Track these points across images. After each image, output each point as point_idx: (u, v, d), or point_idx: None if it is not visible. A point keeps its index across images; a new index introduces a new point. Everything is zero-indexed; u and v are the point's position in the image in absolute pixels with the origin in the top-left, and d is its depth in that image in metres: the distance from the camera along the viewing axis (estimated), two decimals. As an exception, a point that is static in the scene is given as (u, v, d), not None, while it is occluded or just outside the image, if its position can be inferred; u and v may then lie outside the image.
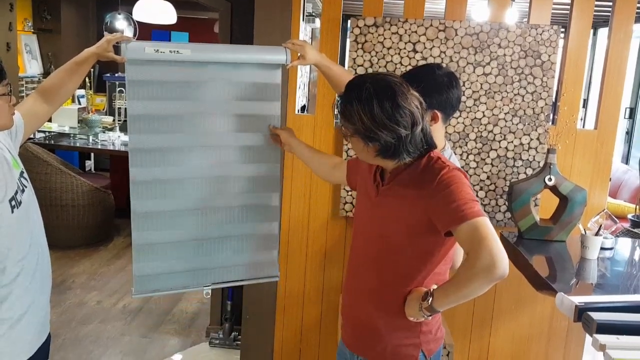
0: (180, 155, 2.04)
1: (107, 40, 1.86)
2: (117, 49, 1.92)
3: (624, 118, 5.88)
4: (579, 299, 1.74)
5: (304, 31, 3.33)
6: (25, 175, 1.72)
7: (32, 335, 1.72)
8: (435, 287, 1.58)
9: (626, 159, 5.98)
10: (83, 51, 1.86)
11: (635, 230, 2.71)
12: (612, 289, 2.18)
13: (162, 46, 1.90)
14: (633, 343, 1.52)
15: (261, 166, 2.16)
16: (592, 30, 5.67)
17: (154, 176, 2.00)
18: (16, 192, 1.61)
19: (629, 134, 5.94)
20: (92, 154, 6.89)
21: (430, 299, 1.54)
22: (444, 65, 2.22)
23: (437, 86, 1.90)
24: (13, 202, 1.58)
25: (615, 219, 2.43)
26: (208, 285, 2.13)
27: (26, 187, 1.69)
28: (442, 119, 1.95)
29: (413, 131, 1.55)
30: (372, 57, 2.77)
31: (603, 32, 6.16)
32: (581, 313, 1.68)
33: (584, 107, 5.97)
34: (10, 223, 1.58)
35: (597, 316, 1.62)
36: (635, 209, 2.85)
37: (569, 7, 2.77)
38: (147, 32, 6.56)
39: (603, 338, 1.54)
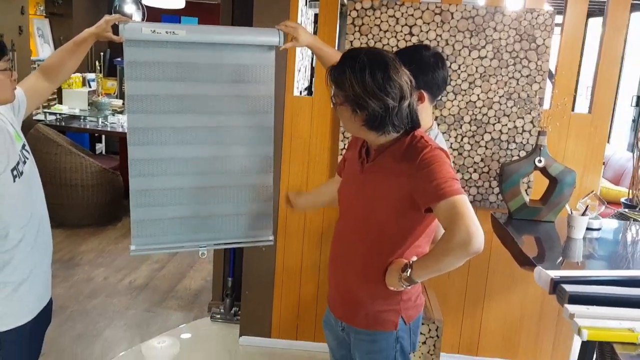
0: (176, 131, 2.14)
1: (105, 21, 1.94)
2: (116, 29, 2.00)
3: (630, 106, 5.87)
4: (554, 273, 1.80)
5: (306, 15, 3.39)
6: (27, 148, 1.81)
7: (35, 298, 1.82)
8: (415, 259, 1.65)
9: (632, 147, 5.97)
10: (83, 31, 1.94)
11: (627, 212, 2.76)
12: (595, 267, 2.24)
13: (158, 27, 1.99)
14: (601, 313, 1.59)
15: (254, 146, 2.25)
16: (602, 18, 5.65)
17: (152, 127, 2.13)
18: (18, 163, 1.70)
19: (635, 121, 5.93)
20: (103, 137, 7.01)
21: (409, 270, 1.61)
22: (431, 46, 2.27)
23: (424, 66, 1.95)
24: (15, 172, 1.67)
25: (603, 200, 2.48)
26: (204, 246, 2.22)
27: (28, 159, 1.78)
28: (428, 99, 2.00)
29: (400, 104, 1.60)
30: (369, 39, 2.83)
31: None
32: (556, 285, 1.75)
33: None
34: (12, 192, 1.67)
35: (569, 288, 1.69)
36: (629, 192, 2.90)
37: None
38: (156, 16, 6.62)
39: (573, 308, 1.61)
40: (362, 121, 1.63)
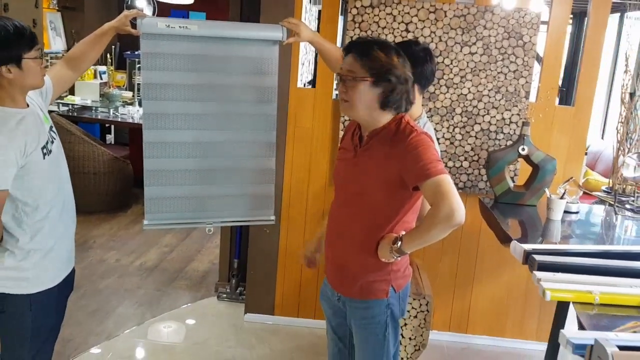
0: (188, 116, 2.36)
1: (125, 16, 2.15)
2: (134, 24, 2.21)
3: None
4: (527, 246, 2.00)
5: (310, 11, 3.59)
6: (54, 129, 2.02)
7: (60, 265, 2.04)
8: (403, 233, 1.85)
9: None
10: (104, 25, 2.15)
11: (603, 197, 2.95)
12: (569, 243, 2.44)
13: (172, 22, 2.20)
14: (565, 278, 1.79)
15: (258, 132, 2.46)
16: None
17: (164, 112, 2.33)
18: (47, 142, 1.91)
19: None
20: (113, 129, 7.22)
21: (400, 243, 1.81)
22: (421, 41, 2.47)
23: (414, 60, 2.14)
24: (44, 150, 1.89)
25: (581, 186, 2.68)
26: (210, 223, 2.43)
27: (55, 139, 1.99)
28: (418, 90, 2.20)
29: (409, 84, 1.83)
30: (367, 36, 3.02)
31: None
32: (528, 256, 1.95)
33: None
34: (42, 168, 1.88)
35: (539, 258, 1.89)
36: (609, 182, 3.09)
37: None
38: (166, 11, 6.82)
39: (540, 274, 1.81)
40: (379, 95, 1.80)
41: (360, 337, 2.03)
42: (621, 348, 1.36)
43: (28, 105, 1.90)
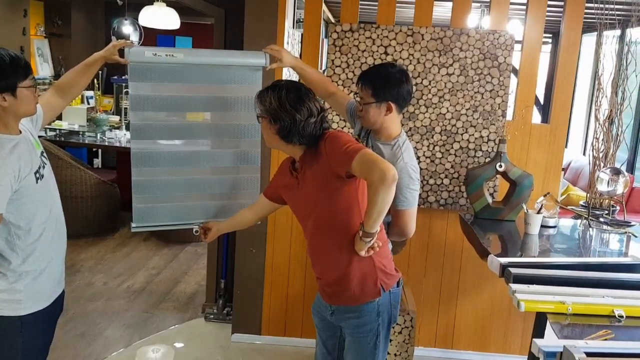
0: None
1: (113, 46, 2.22)
2: (122, 53, 2.28)
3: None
4: (503, 259, 2.08)
5: (292, 36, 3.68)
6: (45, 154, 2.07)
7: (51, 286, 2.08)
8: None
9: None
10: (92, 54, 2.22)
11: (579, 211, 3.04)
12: (545, 256, 2.52)
13: (159, 50, 2.27)
14: (539, 290, 1.87)
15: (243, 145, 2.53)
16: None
17: (152, 123, 2.38)
18: (39, 167, 1.97)
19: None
20: (100, 153, 7.26)
21: (362, 227, 1.90)
22: (397, 63, 2.56)
23: (391, 81, 2.24)
24: (37, 175, 1.94)
25: (558, 201, 2.77)
26: (199, 224, 2.45)
27: (46, 164, 2.04)
28: (396, 110, 2.28)
29: (307, 120, 1.95)
30: (348, 58, 3.12)
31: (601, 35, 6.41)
32: (504, 269, 2.03)
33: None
34: (35, 192, 1.93)
35: (514, 270, 1.97)
36: (586, 196, 3.18)
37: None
38: (152, 37, 6.92)
39: (515, 286, 1.88)
40: (276, 130, 1.97)
41: (352, 345, 2.11)
42: (590, 355, 1.43)
43: (21, 132, 1.96)
